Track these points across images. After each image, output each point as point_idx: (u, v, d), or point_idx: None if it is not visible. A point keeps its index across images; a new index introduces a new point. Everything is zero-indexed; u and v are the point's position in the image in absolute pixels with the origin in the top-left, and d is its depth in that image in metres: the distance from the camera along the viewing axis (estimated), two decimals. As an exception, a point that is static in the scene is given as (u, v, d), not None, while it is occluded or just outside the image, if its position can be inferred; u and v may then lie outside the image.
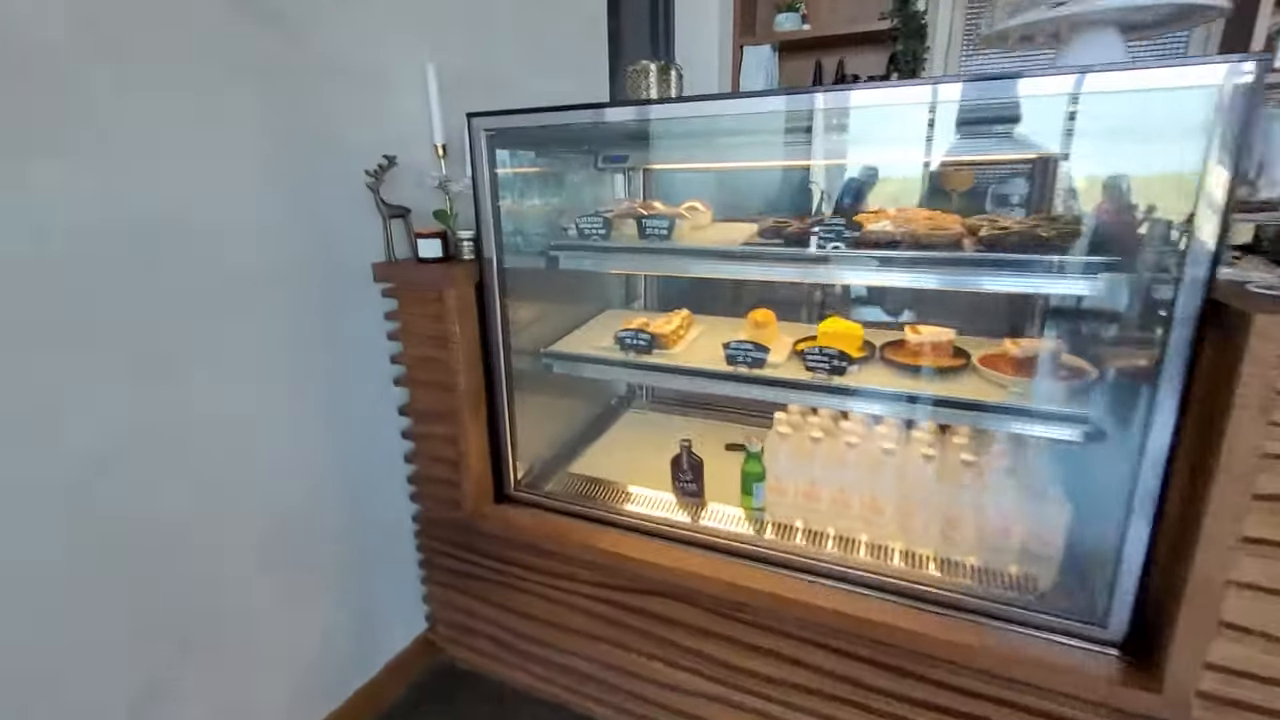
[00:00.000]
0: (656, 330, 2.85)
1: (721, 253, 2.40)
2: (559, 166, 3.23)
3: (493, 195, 2.63)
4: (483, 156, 2.55)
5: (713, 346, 2.56)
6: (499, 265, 2.73)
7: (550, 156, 3.13)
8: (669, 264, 2.57)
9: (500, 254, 2.72)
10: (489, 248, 2.70)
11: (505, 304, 2.76)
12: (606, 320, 3.25)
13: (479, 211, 2.65)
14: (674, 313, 3.14)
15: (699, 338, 2.83)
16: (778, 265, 2.28)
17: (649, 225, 2.50)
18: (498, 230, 2.69)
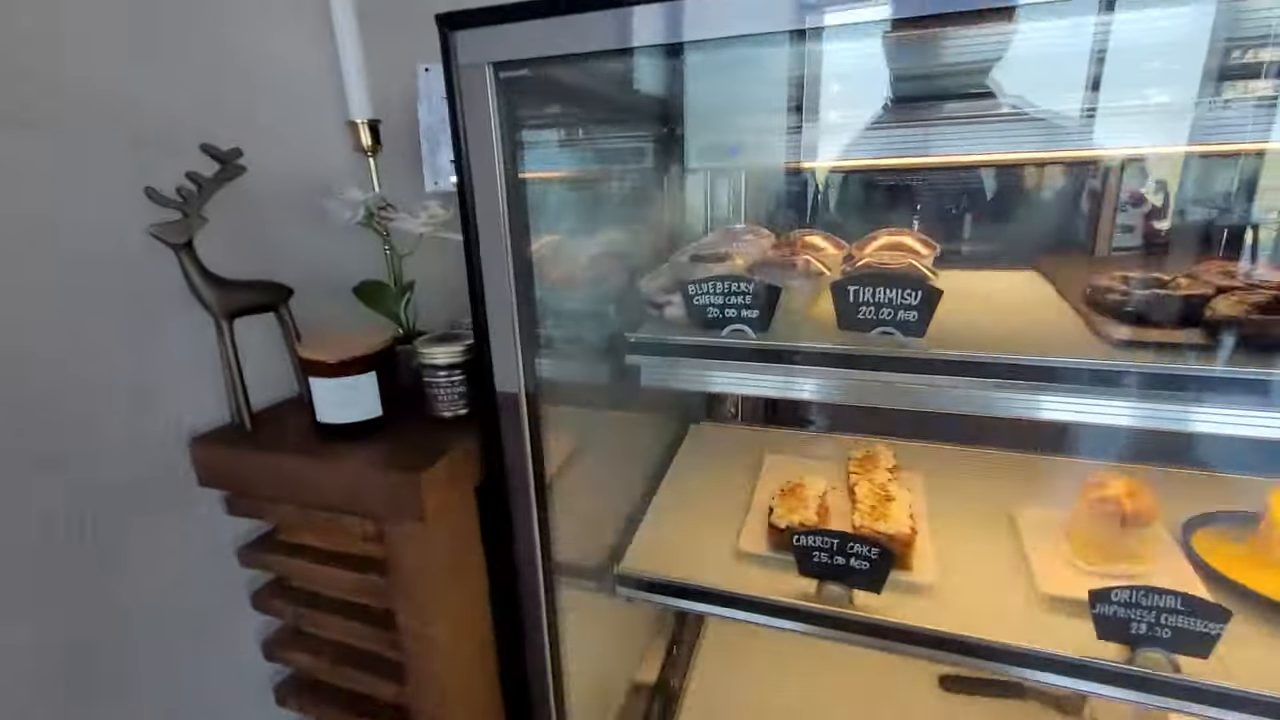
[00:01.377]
0: (871, 527, 1.28)
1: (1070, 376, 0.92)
2: (615, 164, 1.61)
3: (514, 228, 1.00)
4: (492, 130, 0.91)
5: (1005, 561, 1.27)
6: (532, 412, 1.07)
7: (602, 140, 1.52)
8: (922, 393, 1.07)
9: (534, 379, 1.07)
10: (511, 370, 1.05)
11: (547, 508, 1.11)
12: (707, 465, 1.89)
13: (481, 275, 1.02)
14: (860, 449, 1.57)
15: (956, 533, 1.47)
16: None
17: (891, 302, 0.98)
18: (528, 321, 1.04)
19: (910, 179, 2.37)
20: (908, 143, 1.76)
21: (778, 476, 1.65)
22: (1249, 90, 1.53)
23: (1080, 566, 1.27)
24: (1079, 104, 1.59)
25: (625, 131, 1.71)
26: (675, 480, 1.76)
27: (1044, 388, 1.06)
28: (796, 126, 1.69)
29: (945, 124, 1.67)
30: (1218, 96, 1.58)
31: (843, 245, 1.60)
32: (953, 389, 1.12)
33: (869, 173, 2.21)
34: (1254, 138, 1.53)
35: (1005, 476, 1.64)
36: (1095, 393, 1.04)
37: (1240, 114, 1.62)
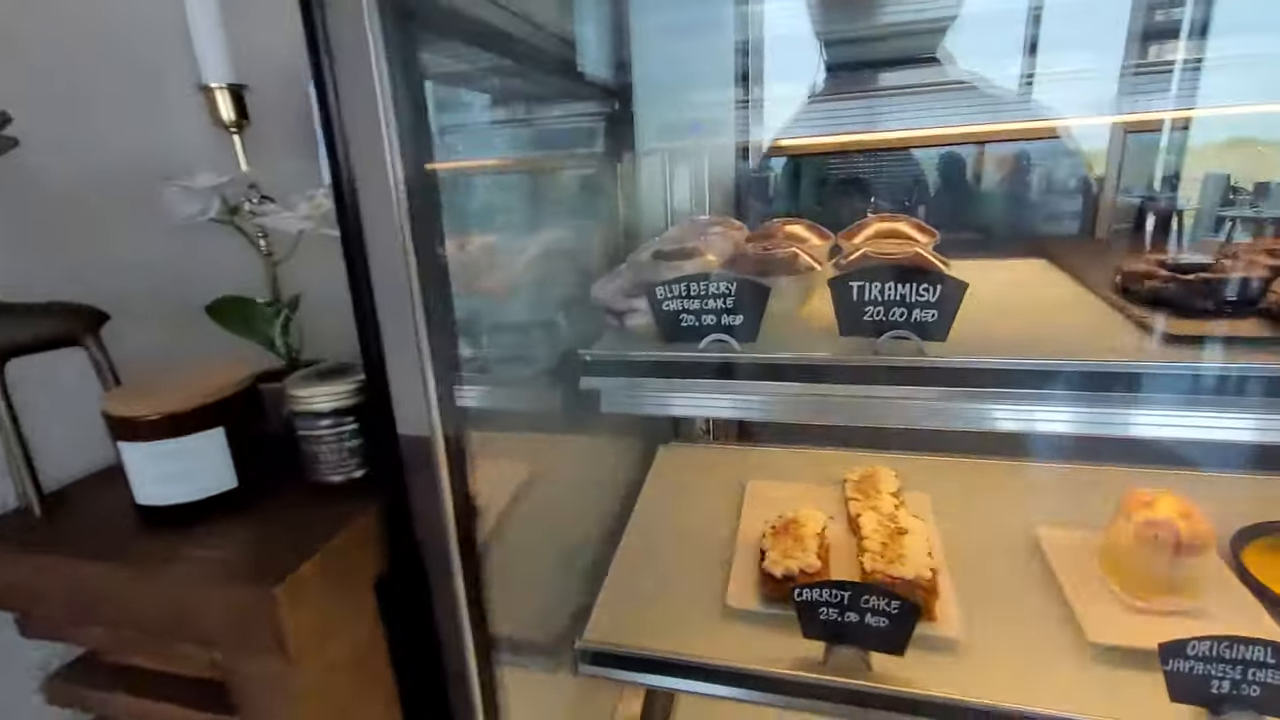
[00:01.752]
0: (885, 572, 1.08)
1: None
2: (558, 147, 1.35)
3: (418, 220, 0.71)
4: (377, 83, 0.63)
5: (1039, 600, 1.15)
6: (454, 461, 0.79)
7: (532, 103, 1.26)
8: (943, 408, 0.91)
9: (457, 417, 0.79)
10: (419, 410, 0.78)
11: (481, 586, 0.84)
12: (680, 496, 1.65)
13: (370, 284, 0.74)
14: (856, 469, 1.36)
15: (976, 564, 1.29)
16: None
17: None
18: (443, 343, 0.77)
19: (892, 161, 2.19)
20: (896, 115, 1.57)
21: (764, 506, 1.42)
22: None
23: (1128, 603, 1.08)
24: (1088, 74, 1.43)
25: (568, 108, 1.45)
26: (645, 516, 1.50)
27: (1110, 399, 0.86)
28: (768, 100, 1.46)
29: (938, 92, 1.49)
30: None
31: (828, 235, 1.38)
32: (997, 405, 0.91)
33: (849, 155, 2.02)
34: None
35: (1017, 489, 1.45)
36: (1170, 403, 0.84)
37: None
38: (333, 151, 0.68)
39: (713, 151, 1.70)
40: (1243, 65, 1.36)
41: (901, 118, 1.70)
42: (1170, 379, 0.84)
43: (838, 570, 1.19)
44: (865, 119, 1.71)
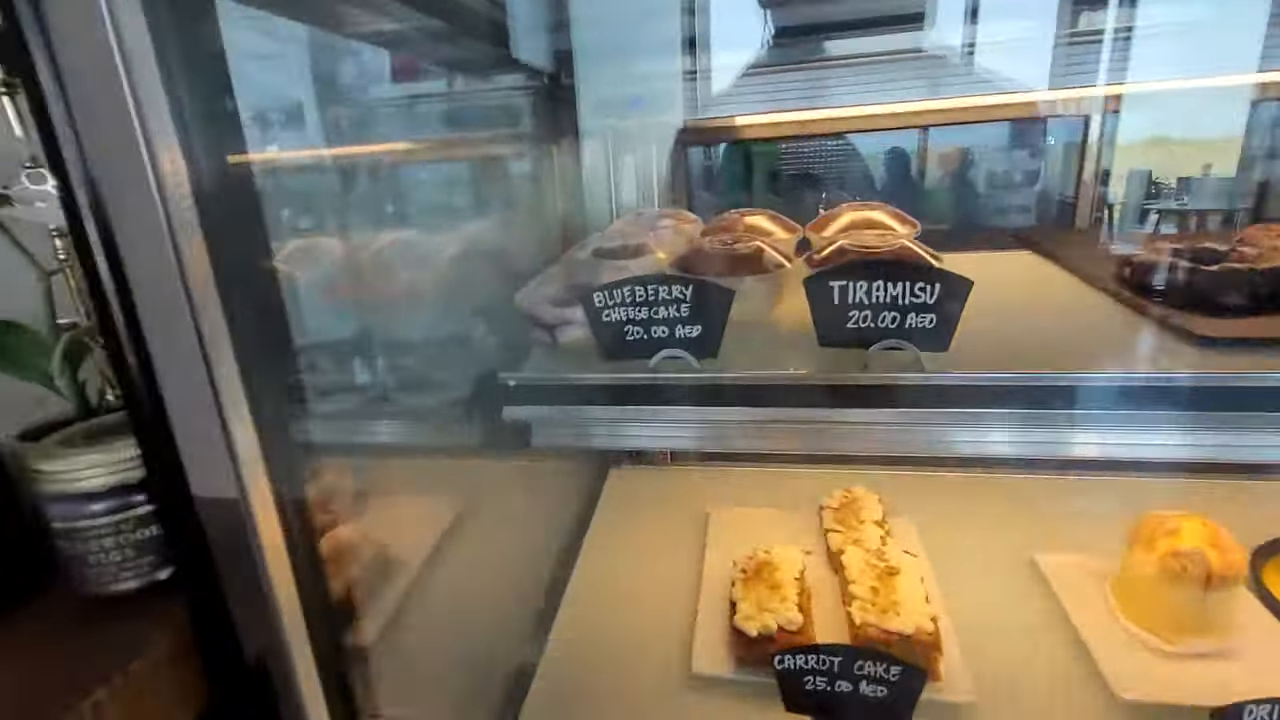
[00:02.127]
0: (880, 625, 0.92)
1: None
2: (479, 127, 1.13)
3: (217, 217, 0.48)
4: (121, 31, 0.41)
5: (1052, 644, 1.00)
6: (303, 538, 0.57)
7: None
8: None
9: (303, 474, 0.58)
10: (221, 473, 0.56)
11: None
12: (634, 530, 1.52)
13: (132, 300, 0.48)
14: (835, 495, 1.19)
15: (976, 601, 1.16)
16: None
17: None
18: (271, 373, 0.57)
19: (847, 147, 2.04)
20: (852, 89, 1.41)
21: (731, 539, 1.23)
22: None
23: (1153, 645, 0.93)
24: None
25: (491, 80, 1.23)
26: (593, 558, 1.29)
27: (1159, 417, 0.70)
28: (719, 72, 1.28)
29: (895, 64, 1.34)
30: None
31: (795, 228, 1.20)
32: (1018, 431, 0.74)
33: (808, 138, 1.86)
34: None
35: (1006, 506, 1.31)
36: (1228, 419, 0.69)
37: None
38: (47, 131, 0.45)
39: (661, 132, 1.51)
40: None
41: (856, 92, 1.57)
42: (1227, 391, 0.69)
43: (822, 621, 1.01)
44: (822, 94, 1.58)
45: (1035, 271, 1.19)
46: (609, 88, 1.29)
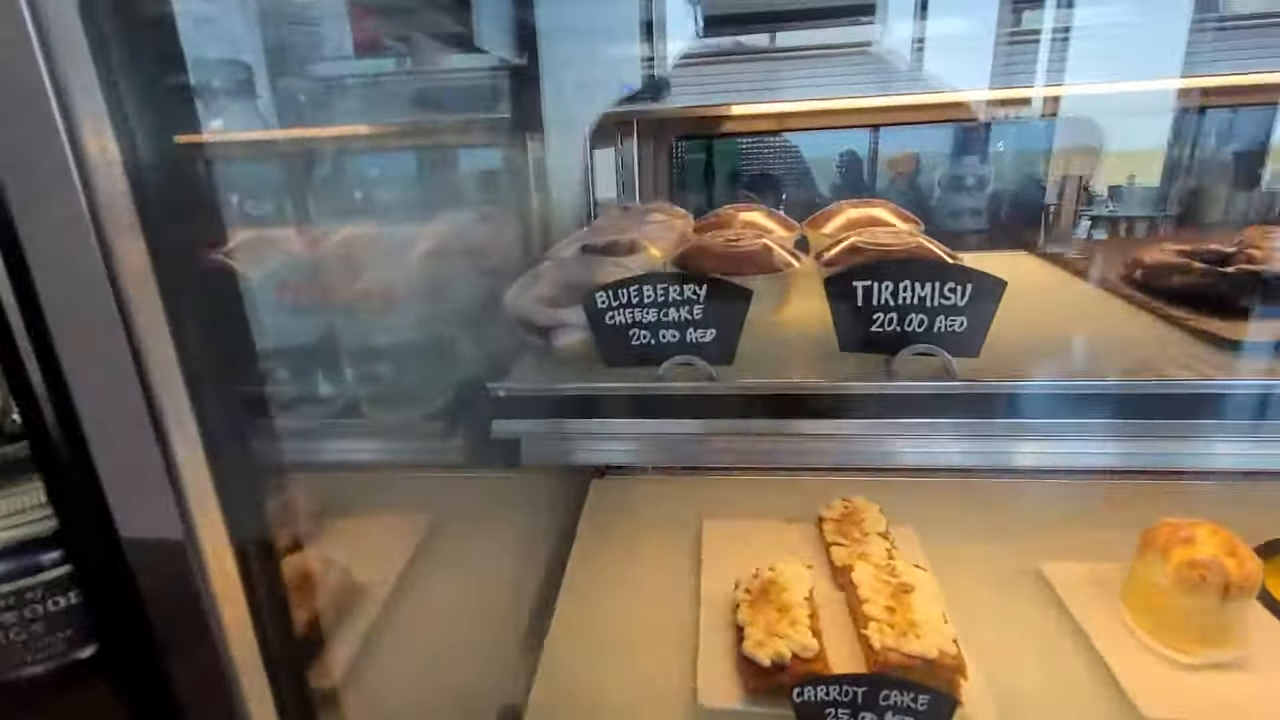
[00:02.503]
0: (900, 649, 0.86)
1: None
2: (447, 110, 1.03)
3: (157, 208, 0.38)
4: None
5: (1068, 660, 0.96)
6: (269, 594, 0.48)
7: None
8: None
9: (266, 510, 0.48)
10: (166, 518, 0.46)
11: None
12: (623, 547, 1.45)
13: (38, 304, 0.38)
14: (834, 505, 1.14)
15: (988, 616, 1.06)
16: None
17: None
18: (223, 388, 0.47)
19: (803, 144, 2.02)
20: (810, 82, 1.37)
21: (727, 554, 1.16)
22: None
23: (1170, 658, 0.90)
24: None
25: (462, 59, 1.12)
26: (581, 578, 1.20)
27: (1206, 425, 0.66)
28: (722, 54, 1.21)
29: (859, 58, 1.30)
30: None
31: (793, 225, 1.14)
32: (1066, 441, 0.69)
33: (768, 134, 1.82)
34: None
35: (1002, 510, 1.28)
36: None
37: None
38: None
39: (645, 120, 1.42)
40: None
41: (800, 87, 1.55)
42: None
43: (833, 645, 0.94)
44: (769, 87, 1.55)
45: (1040, 272, 1.16)
46: (576, 72, 1.19)
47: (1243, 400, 0.66)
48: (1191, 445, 0.67)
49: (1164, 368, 0.71)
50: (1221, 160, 1.74)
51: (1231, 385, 0.66)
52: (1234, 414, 0.66)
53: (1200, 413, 0.67)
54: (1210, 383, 0.66)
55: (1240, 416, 0.67)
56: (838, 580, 1.08)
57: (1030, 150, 1.79)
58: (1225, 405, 0.67)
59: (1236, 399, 0.66)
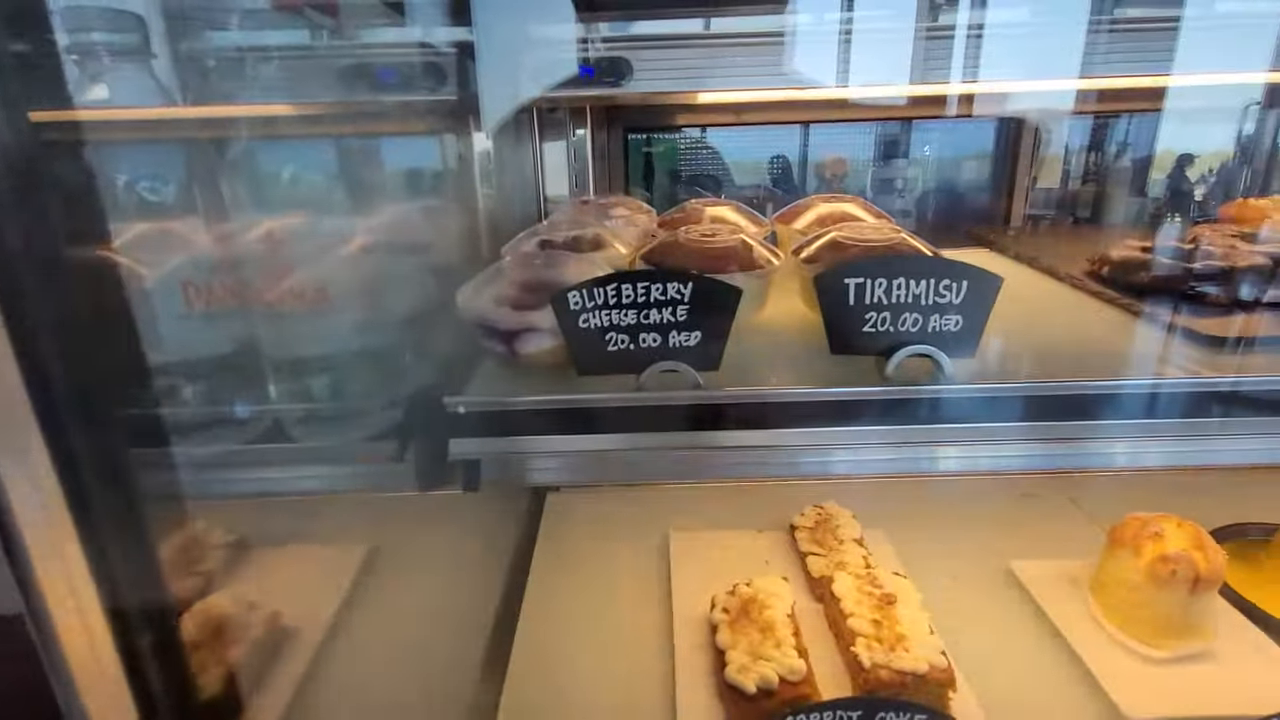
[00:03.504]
0: (891, 666, 0.83)
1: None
2: (381, 91, 0.91)
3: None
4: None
5: (1046, 663, 0.96)
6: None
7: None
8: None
9: (142, 580, 0.40)
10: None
11: None
12: (586, 567, 1.35)
13: None
14: (807, 513, 1.12)
15: (965, 621, 1.01)
16: None
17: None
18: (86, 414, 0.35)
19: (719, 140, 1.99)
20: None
21: (699, 568, 1.10)
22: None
23: (1144, 653, 0.91)
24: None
25: (396, 40, 1.01)
26: (541, 602, 1.10)
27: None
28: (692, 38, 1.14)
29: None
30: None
31: (761, 220, 1.09)
32: (1079, 444, 0.66)
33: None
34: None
35: (968, 508, 1.27)
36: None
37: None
38: None
39: (594, 109, 1.34)
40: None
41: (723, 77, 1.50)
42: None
43: (817, 662, 0.89)
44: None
45: (1005, 269, 1.15)
46: (514, 52, 1.09)
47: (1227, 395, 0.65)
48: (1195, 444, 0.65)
49: (1136, 368, 0.70)
50: (1121, 164, 1.82)
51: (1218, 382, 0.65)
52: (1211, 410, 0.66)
53: (1190, 410, 0.66)
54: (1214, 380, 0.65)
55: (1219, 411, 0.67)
56: (815, 591, 1.03)
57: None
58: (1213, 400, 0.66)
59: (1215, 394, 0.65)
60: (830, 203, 1.07)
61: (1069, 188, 1.77)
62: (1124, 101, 1.67)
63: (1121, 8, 1.49)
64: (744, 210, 1.09)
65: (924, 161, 1.95)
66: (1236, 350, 0.75)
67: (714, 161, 2.04)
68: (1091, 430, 0.67)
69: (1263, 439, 0.65)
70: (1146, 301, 0.87)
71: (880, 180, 2.01)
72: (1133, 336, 0.80)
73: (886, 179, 2.01)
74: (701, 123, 1.91)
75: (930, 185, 1.94)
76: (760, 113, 1.73)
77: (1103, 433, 0.67)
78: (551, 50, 1.30)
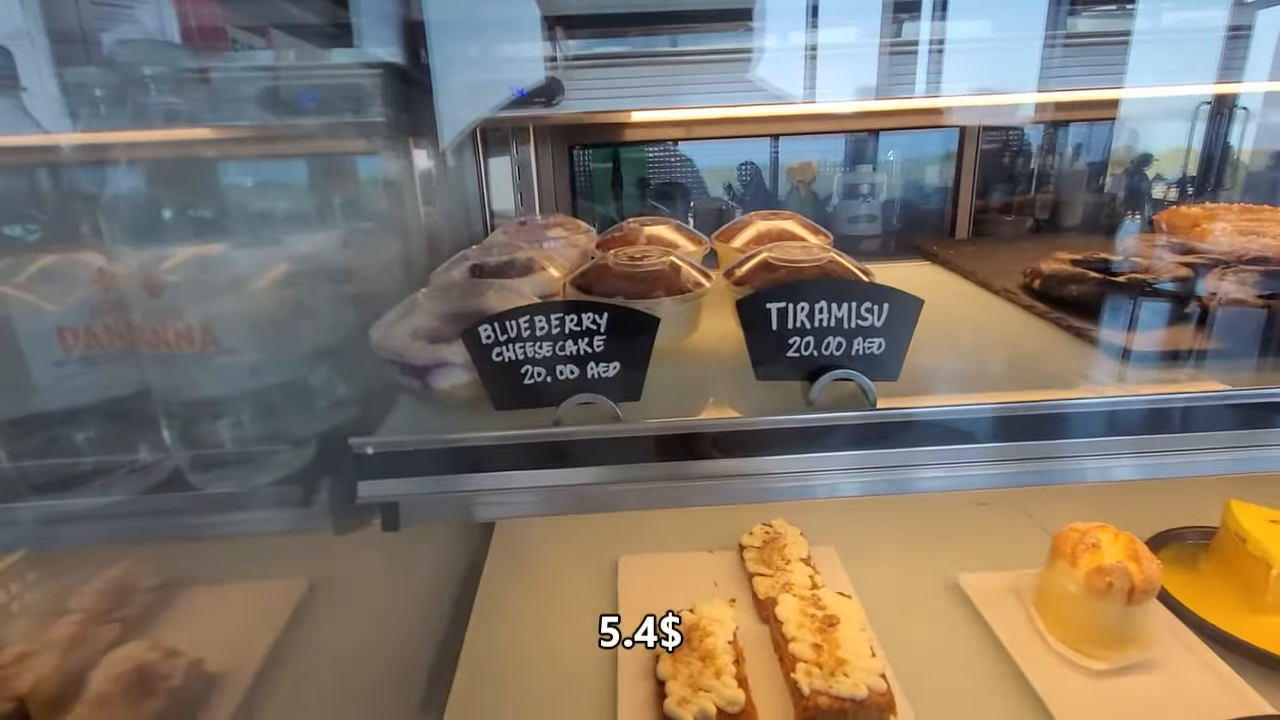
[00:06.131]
0: (829, 691, 0.82)
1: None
2: (309, 109, 0.89)
3: None
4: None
5: (992, 682, 0.96)
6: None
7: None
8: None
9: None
10: None
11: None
12: (533, 599, 1.35)
13: None
14: (756, 533, 1.11)
15: (912, 638, 1.08)
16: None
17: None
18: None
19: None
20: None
21: (646, 594, 1.08)
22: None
23: (1085, 665, 0.91)
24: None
25: (327, 57, 0.98)
26: (486, 631, 1.07)
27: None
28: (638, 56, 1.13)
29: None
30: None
31: (701, 239, 1.08)
32: (1015, 465, 0.65)
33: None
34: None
35: (918, 523, 1.27)
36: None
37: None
38: None
39: (539, 125, 1.31)
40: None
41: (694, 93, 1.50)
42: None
43: (760, 689, 0.88)
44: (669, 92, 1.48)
45: (944, 283, 1.16)
46: (466, 71, 1.08)
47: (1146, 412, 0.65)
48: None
49: (1067, 385, 0.70)
50: (1076, 171, 1.86)
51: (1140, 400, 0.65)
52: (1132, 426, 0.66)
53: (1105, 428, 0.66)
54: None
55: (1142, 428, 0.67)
56: (762, 614, 1.02)
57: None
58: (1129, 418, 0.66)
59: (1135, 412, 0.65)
60: (769, 220, 1.06)
61: (1027, 193, 1.80)
62: (1079, 110, 1.71)
63: (1074, 20, 1.52)
64: (683, 229, 1.08)
65: (889, 167, 1.97)
66: (1158, 364, 0.75)
67: (681, 169, 2.04)
68: (1023, 450, 0.67)
69: (1185, 455, 0.65)
70: (1075, 315, 0.88)
71: (847, 185, 2.02)
72: (1060, 352, 0.81)
73: (853, 183, 2.03)
74: (664, 137, 1.90)
75: (896, 190, 1.95)
76: (723, 126, 1.72)
77: (1030, 451, 0.66)
78: (506, 70, 1.28)
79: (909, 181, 1.93)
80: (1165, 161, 1.79)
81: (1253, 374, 0.72)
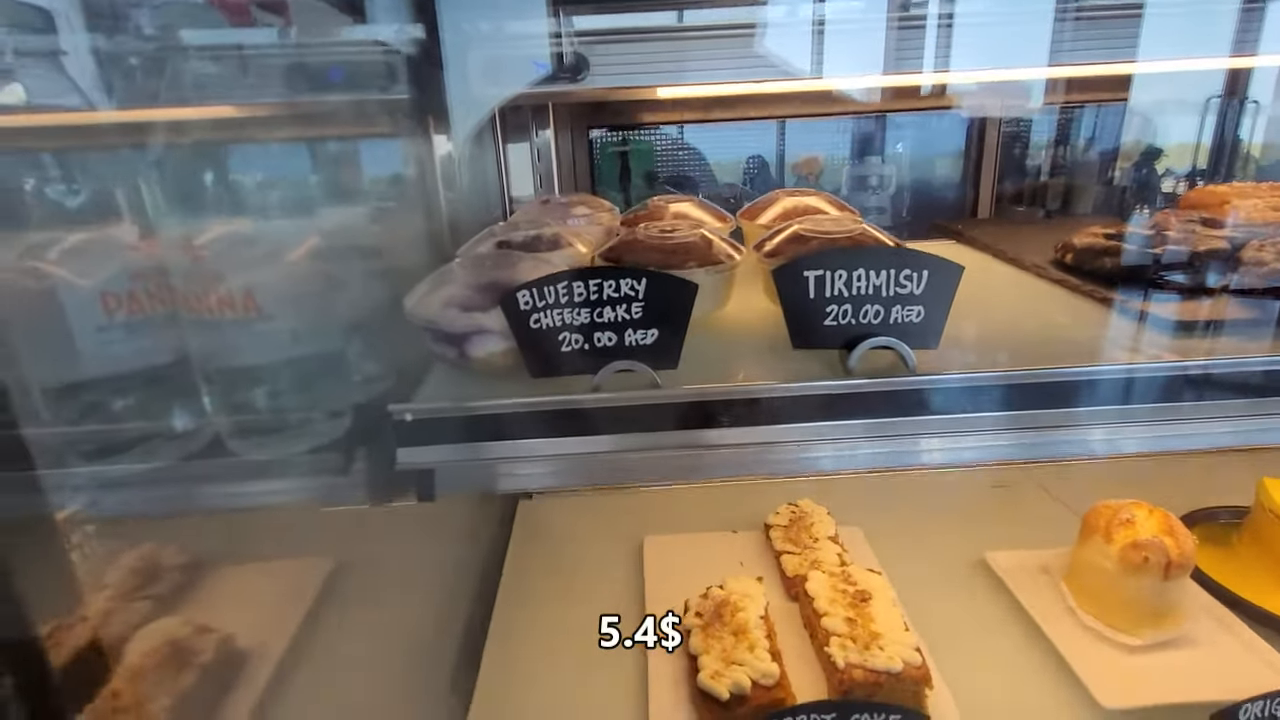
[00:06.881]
0: (865, 665, 0.80)
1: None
2: (333, 88, 0.88)
3: None
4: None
5: (1023, 654, 0.95)
6: None
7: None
8: None
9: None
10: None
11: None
12: (558, 579, 1.34)
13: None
14: (782, 511, 1.09)
15: (942, 616, 1.02)
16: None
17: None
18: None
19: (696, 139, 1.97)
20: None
21: (673, 573, 1.07)
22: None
23: (1119, 641, 0.90)
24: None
25: (350, 36, 0.98)
26: (512, 613, 1.07)
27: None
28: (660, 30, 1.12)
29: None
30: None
31: (726, 216, 1.07)
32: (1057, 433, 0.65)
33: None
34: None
35: (942, 500, 1.27)
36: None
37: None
38: None
39: (558, 107, 1.31)
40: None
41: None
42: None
43: (792, 663, 0.88)
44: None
45: (972, 260, 1.15)
46: (481, 48, 1.07)
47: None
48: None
49: (1106, 355, 0.69)
50: (1090, 155, 1.84)
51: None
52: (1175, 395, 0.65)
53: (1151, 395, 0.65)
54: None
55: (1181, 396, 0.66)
56: (790, 591, 1.02)
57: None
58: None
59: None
60: (794, 196, 1.06)
61: (1039, 179, 1.78)
62: (1092, 92, 1.69)
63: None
64: (708, 206, 1.07)
65: (898, 158, 1.96)
66: (1195, 334, 0.74)
67: (689, 161, 2.03)
68: (1060, 418, 0.66)
69: (1226, 422, 0.64)
70: (1109, 288, 0.87)
71: (855, 178, 2.02)
72: (1096, 323, 0.80)
73: (861, 175, 2.02)
74: (675, 119, 1.88)
75: (905, 181, 1.94)
76: (732, 108, 1.71)
77: (1070, 420, 0.66)
78: (522, 47, 1.26)
79: (917, 174, 1.91)
80: (1175, 155, 1.77)
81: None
